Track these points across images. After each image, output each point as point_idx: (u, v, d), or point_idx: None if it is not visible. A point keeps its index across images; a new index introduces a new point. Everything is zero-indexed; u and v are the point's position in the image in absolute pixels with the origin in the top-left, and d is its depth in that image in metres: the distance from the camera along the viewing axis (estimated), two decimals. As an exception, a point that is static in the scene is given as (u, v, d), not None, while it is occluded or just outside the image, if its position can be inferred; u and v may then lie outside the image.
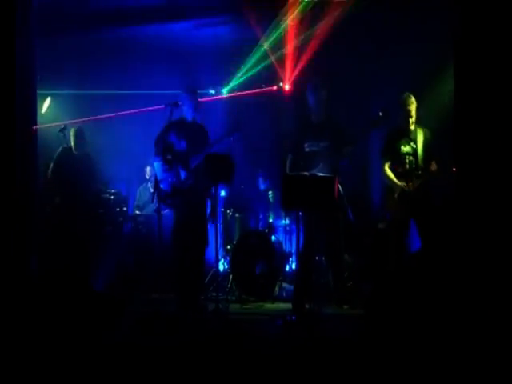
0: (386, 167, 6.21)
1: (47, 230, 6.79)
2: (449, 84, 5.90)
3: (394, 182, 6.11)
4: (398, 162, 6.14)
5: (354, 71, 8.04)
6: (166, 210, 6.82)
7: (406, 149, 6.10)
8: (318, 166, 5.98)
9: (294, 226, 6.95)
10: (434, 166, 5.96)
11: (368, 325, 4.86)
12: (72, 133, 7.43)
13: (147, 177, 8.57)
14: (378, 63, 8.12)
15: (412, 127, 6.11)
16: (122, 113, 8.67)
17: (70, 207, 7.20)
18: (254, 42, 7.94)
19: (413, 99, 6.07)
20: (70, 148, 7.39)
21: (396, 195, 6.08)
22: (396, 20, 7.22)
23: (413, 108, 6.05)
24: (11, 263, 4.95)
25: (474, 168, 4.36)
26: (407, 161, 6.07)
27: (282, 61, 8.27)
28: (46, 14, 6.38)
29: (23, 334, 4.68)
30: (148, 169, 8.54)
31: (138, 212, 8.45)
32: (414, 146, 6.06)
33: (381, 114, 5.90)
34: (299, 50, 8.00)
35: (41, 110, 8.16)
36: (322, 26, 7.49)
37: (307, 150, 6.16)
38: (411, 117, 6.07)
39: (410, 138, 6.11)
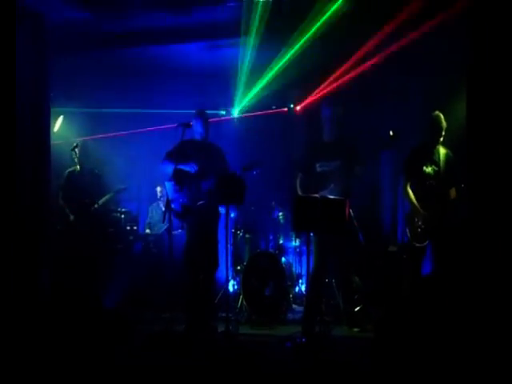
0: (408, 187, 6.09)
1: (59, 247, 6.80)
2: (460, 106, 5.92)
3: (414, 204, 6.01)
4: (418, 182, 6.03)
5: (364, 91, 8.08)
6: (179, 230, 6.82)
7: (428, 170, 5.96)
8: (330, 186, 5.96)
9: (304, 248, 6.94)
10: (453, 194, 5.82)
11: (378, 348, 4.83)
12: (75, 152, 7.41)
13: (158, 197, 8.61)
14: (387, 83, 8.18)
15: (437, 147, 5.97)
16: (134, 131, 8.76)
17: (80, 225, 7.20)
18: (266, 64, 7.97)
19: (441, 116, 5.93)
20: (74, 170, 7.40)
21: (417, 221, 5.98)
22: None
23: (444, 127, 5.91)
24: (22, 275, 4.96)
25: (487, 188, 4.35)
26: (427, 183, 5.95)
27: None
28: (62, 33, 6.48)
29: (32, 348, 4.69)
30: (159, 189, 8.58)
31: (148, 231, 8.46)
32: (436, 169, 5.94)
33: (391, 133, 5.84)
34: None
35: (53, 128, 8.22)
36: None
37: (319, 170, 6.12)
38: (441, 136, 5.93)
39: (433, 159, 5.97)
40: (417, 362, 4.30)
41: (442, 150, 5.99)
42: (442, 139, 5.97)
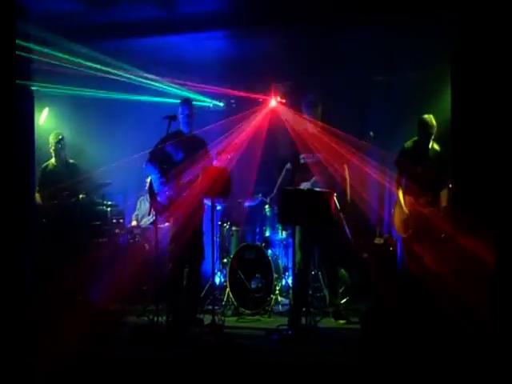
0: (397, 182, 6.21)
1: (42, 241, 6.77)
2: (444, 101, 5.96)
3: (400, 204, 6.13)
4: (409, 178, 6.12)
5: (347, 86, 8.09)
6: (166, 224, 6.82)
7: (418, 167, 6.02)
8: (312, 178, 6.02)
9: (290, 240, 6.94)
10: (444, 200, 5.87)
11: (365, 341, 4.86)
12: (62, 142, 7.39)
13: (147, 188, 8.45)
14: (371, 78, 8.20)
15: (428, 147, 6.02)
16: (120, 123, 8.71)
17: (60, 219, 7.17)
18: (253, 57, 7.94)
19: (433, 119, 5.98)
20: (48, 165, 7.38)
21: (402, 216, 6.10)
22: (392, 35, 7.24)
23: (433, 130, 5.95)
24: (6, 276, 4.92)
25: (471, 181, 4.38)
26: (418, 181, 5.98)
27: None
28: (46, 25, 6.42)
29: (17, 346, 4.66)
30: (149, 179, 8.43)
31: (135, 223, 8.41)
32: (427, 166, 5.97)
33: (372, 134, 5.90)
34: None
35: (38, 121, 8.16)
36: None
37: (302, 161, 6.19)
38: (431, 138, 5.97)
39: (424, 157, 6.03)
40: (403, 354, 4.33)
41: (435, 147, 6.05)
42: (432, 138, 6.00)
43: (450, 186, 5.78)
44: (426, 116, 6.00)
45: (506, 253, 4.11)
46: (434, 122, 5.97)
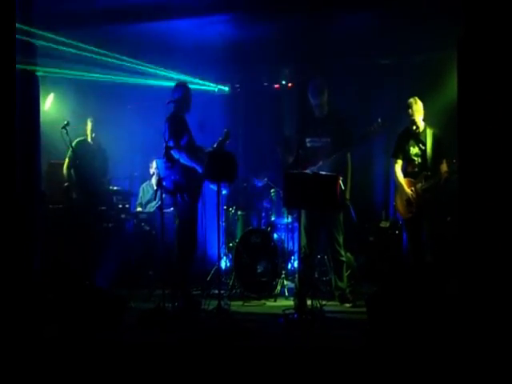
0: (397, 168, 6.29)
1: (56, 226, 6.79)
2: (452, 85, 5.92)
3: (402, 186, 6.20)
4: (407, 162, 6.25)
5: (355, 70, 8.05)
6: (171, 209, 6.82)
7: (414, 150, 6.17)
8: (318, 163, 6.01)
9: (295, 224, 6.96)
10: (444, 168, 5.96)
11: (370, 324, 4.88)
12: (89, 122, 7.41)
13: (151, 171, 8.41)
14: (378, 64, 8.16)
15: (420, 129, 6.14)
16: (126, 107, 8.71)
17: (87, 203, 7.19)
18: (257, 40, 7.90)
19: (413, 102, 6.08)
20: (85, 139, 7.37)
21: (403, 198, 6.17)
22: (399, 22, 7.18)
23: (413, 112, 6.07)
24: (14, 264, 4.95)
25: (477, 166, 4.36)
26: (416, 163, 6.15)
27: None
28: (51, 9, 6.40)
29: (26, 332, 4.70)
30: (154, 164, 8.40)
31: (139, 209, 8.42)
32: (423, 148, 6.10)
33: (380, 120, 5.93)
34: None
35: (44, 106, 8.15)
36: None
37: (309, 145, 6.19)
38: (413, 120, 6.10)
39: (418, 139, 6.15)
40: (409, 337, 4.35)
41: (428, 130, 6.13)
42: (418, 123, 6.10)
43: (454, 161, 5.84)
44: (410, 99, 6.13)
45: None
46: (412, 103, 6.09)
